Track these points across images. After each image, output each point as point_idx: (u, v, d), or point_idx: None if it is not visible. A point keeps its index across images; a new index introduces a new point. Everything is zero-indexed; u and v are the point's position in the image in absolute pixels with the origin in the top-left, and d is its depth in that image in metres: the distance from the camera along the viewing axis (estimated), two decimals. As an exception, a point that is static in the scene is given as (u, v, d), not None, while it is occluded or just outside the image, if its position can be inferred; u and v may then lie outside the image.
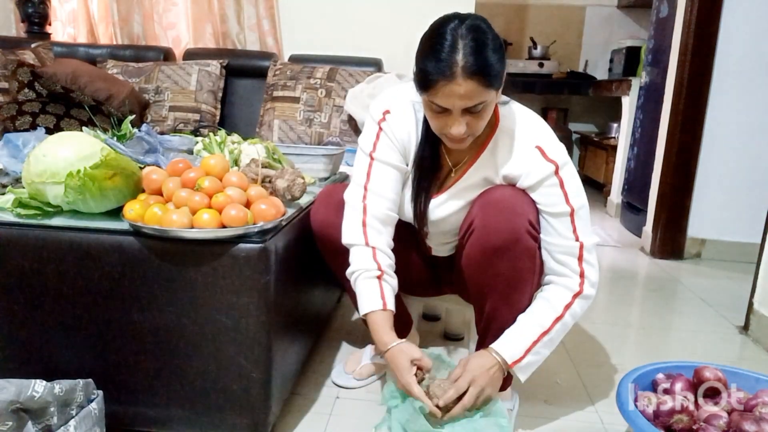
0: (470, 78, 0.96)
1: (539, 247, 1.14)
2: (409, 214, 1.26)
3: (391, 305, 1.15)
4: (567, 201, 1.11)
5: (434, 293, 1.47)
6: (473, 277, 1.18)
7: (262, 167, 1.24)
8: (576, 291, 1.14)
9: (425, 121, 1.15)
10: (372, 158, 1.20)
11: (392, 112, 1.20)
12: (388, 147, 1.20)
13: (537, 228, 1.12)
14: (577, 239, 1.12)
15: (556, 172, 1.10)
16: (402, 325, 1.46)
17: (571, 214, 1.11)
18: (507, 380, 1.27)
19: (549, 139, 1.13)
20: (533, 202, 1.14)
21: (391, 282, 1.18)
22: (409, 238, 1.37)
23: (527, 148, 1.13)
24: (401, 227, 1.36)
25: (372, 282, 1.15)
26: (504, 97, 1.15)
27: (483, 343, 1.24)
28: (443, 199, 1.23)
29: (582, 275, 1.14)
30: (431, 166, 1.21)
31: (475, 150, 1.18)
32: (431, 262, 1.40)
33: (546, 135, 1.14)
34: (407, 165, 1.22)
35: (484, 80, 0.97)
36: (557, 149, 1.12)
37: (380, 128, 1.20)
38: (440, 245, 1.34)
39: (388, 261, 1.19)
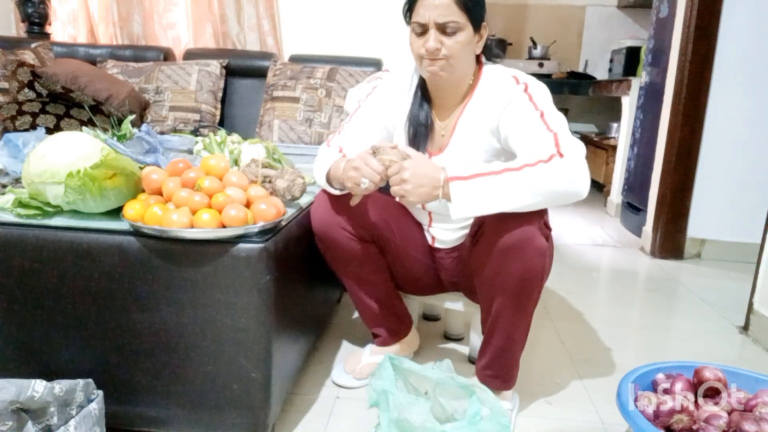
0: None
1: (550, 246, 1.15)
2: None
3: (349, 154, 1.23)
4: (536, 107, 1.14)
5: (436, 291, 1.47)
6: (483, 276, 1.18)
7: (262, 167, 1.24)
8: (542, 158, 1.05)
9: (420, 82, 1.28)
10: (359, 105, 1.32)
11: (392, 71, 1.35)
12: (378, 100, 1.32)
13: (549, 226, 1.13)
14: (549, 130, 1.10)
15: (525, 90, 1.17)
16: (402, 325, 1.47)
17: (541, 116, 1.13)
18: (509, 381, 1.28)
19: (524, 74, 1.21)
20: None
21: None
22: (411, 234, 1.37)
23: (505, 81, 1.20)
24: (404, 223, 1.36)
25: (333, 155, 1.25)
26: (492, 63, 1.27)
27: (488, 342, 1.24)
28: (443, 158, 1.26)
29: (558, 152, 1.06)
30: (425, 122, 1.28)
31: (461, 105, 1.26)
32: (433, 259, 1.40)
33: (522, 72, 1.22)
34: (392, 127, 1.33)
35: None
36: (531, 78, 1.20)
37: (377, 85, 1.34)
38: (444, 231, 1.35)
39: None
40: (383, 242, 1.33)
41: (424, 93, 1.29)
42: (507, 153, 1.21)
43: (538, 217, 1.10)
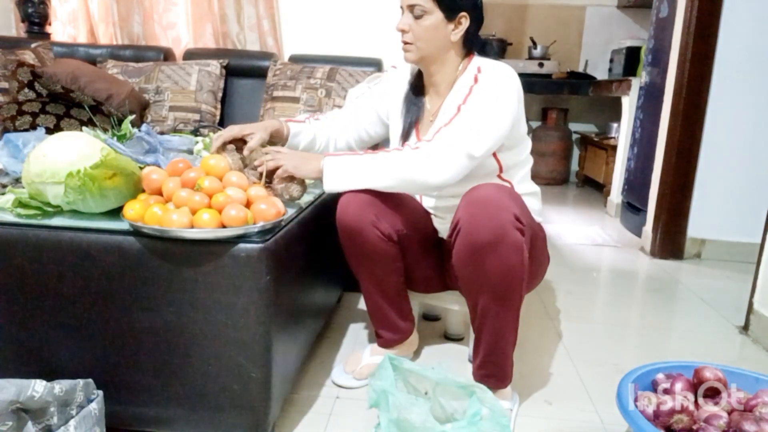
0: None
1: (527, 240, 1.15)
2: None
3: (292, 126, 1.41)
4: (465, 98, 1.23)
5: (440, 288, 1.48)
6: (464, 275, 1.18)
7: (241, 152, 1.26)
8: (401, 149, 1.22)
9: (418, 71, 1.39)
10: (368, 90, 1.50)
11: (398, 67, 1.47)
12: (380, 88, 1.47)
13: (522, 221, 1.13)
14: (449, 121, 1.21)
15: (475, 80, 1.24)
16: (407, 329, 1.46)
17: (459, 107, 1.22)
18: (504, 379, 1.28)
19: (492, 65, 1.27)
20: (518, 196, 1.19)
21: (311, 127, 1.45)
22: (425, 225, 1.38)
23: (472, 72, 1.28)
24: (419, 214, 1.37)
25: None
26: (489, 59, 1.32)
27: (479, 342, 1.25)
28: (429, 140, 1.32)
29: (429, 139, 1.21)
30: (415, 106, 1.38)
31: (446, 94, 1.34)
32: (440, 250, 1.41)
33: (494, 64, 1.28)
34: (385, 115, 1.46)
35: None
36: (490, 72, 1.25)
37: (383, 78, 1.51)
38: (440, 221, 1.39)
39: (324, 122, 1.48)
40: (405, 239, 1.33)
41: (419, 80, 1.39)
42: None
43: (511, 212, 1.10)
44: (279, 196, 1.18)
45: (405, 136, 1.39)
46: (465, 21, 1.27)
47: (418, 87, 1.39)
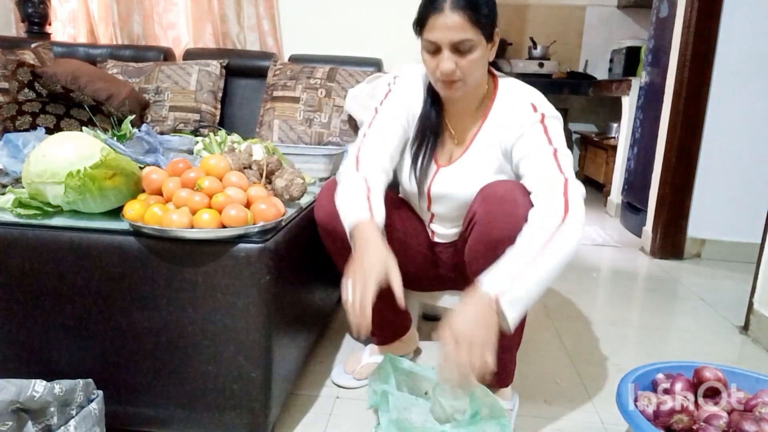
0: (457, 11, 1.07)
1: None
2: (412, 184, 1.29)
3: (378, 217, 1.13)
4: (550, 142, 1.13)
5: (435, 287, 1.47)
6: (476, 269, 1.17)
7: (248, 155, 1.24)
8: (559, 222, 1.05)
9: (430, 86, 1.24)
10: (377, 111, 1.27)
11: (402, 77, 1.31)
12: (394, 104, 1.28)
13: None
14: (561, 172, 1.09)
15: (542, 121, 1.14)
16: (402, 324, 1.46)
17: (555, 153, 1.11)
18: (506, 378, 1.27)
19: (542, 99, 1.19)
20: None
21: (379, 204, 1.15)
22: (413, 227, 1.37)
23: (522, 106, 1.18)
24: (406, 216, 1.36)
25: (359, 196, 1.14)
26: (504, 75, 1.26)
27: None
28: (453, 170, 1.25)
29: (566, 206, 1.06)
30: (433, 126, 1.26)
31: (478, 120, 1.24)
32: (432, 252, 1.40)
33: (540, 97, 1.20)
34: (409, 126, 1.29)
35: (470, 15, 1.07)
36: (548, 106, 1.17)
37: (390, 89, 1.30)
38: (444, 228, 1.35)
39: (378, 187, 1.17)
40: (387, 235, 1.32)
41: (435, 100, 1.27)
42: (512, 172, 1.21)
43: (527, 208, 1.09)
44: (279, 196, 1.18)
45: (422, 147, 1.29)
46: (497, 37, 1.19)
47: (432, 105, 1.27)
